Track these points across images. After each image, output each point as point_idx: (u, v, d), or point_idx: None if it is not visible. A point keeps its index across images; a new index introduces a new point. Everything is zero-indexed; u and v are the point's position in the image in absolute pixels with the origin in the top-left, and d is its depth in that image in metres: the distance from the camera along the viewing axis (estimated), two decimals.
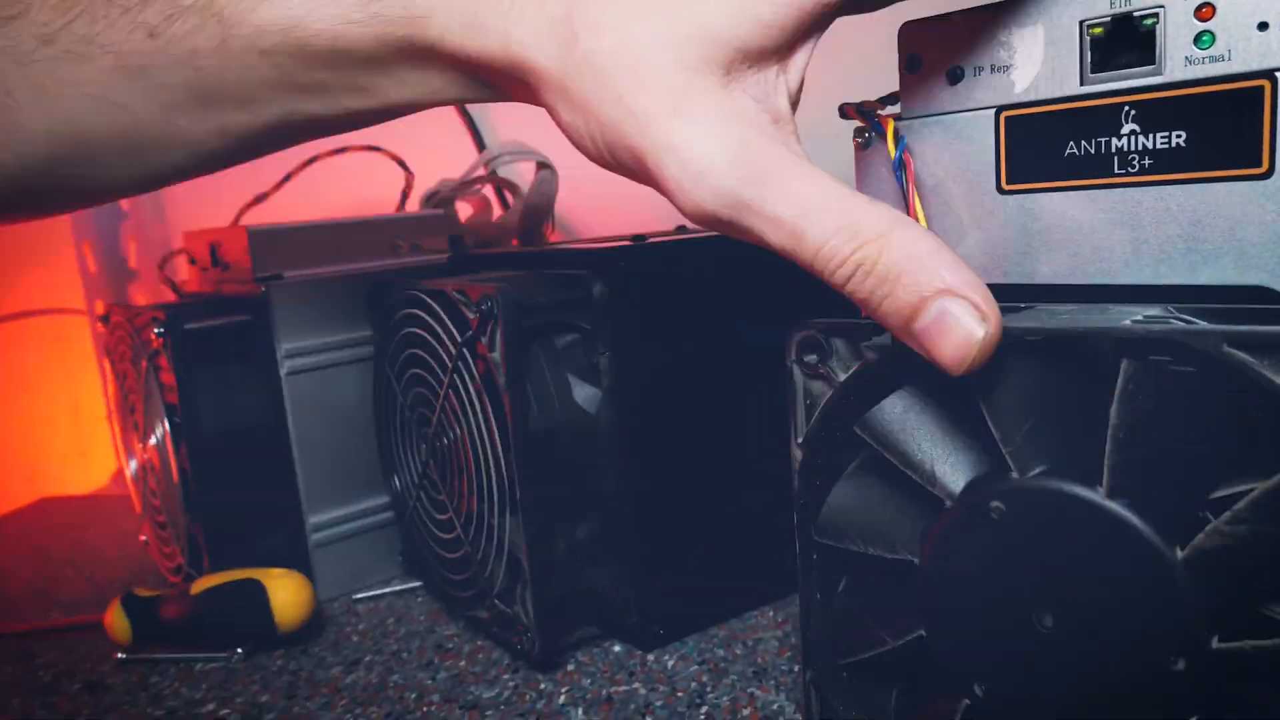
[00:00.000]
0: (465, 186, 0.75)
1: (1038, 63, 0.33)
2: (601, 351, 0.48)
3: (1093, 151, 0.32)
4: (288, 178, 0.73)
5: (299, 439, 0.61)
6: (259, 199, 0.73)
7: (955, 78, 0.35)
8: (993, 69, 0.34)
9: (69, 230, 1.15)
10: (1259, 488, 0.26)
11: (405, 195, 0.76)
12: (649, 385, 0.49)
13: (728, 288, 0.52)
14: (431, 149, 0.95)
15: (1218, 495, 0.27)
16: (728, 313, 0.52)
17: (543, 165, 0.73)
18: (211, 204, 1.13)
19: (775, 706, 0.45)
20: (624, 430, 0.49)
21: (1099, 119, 0.32)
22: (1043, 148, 0.33)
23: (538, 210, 0.73)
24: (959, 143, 0.35)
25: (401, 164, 0.76)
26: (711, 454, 0.52)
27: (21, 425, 1.32)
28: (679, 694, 0.46)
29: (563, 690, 0.48)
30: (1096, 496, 0.28)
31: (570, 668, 0.50)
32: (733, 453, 0.52)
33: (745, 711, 0.44)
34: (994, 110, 0.34)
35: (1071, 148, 0.33)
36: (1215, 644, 0.27)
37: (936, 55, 0.35)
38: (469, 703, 0.47)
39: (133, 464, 0.70)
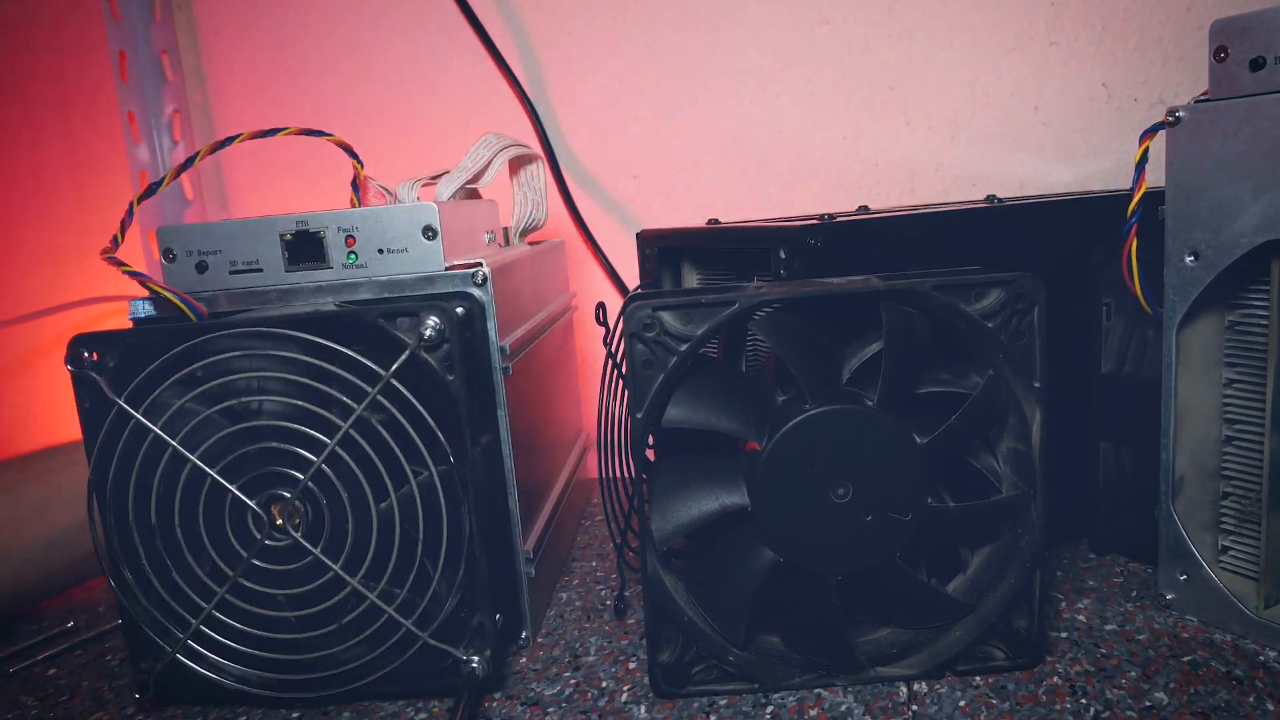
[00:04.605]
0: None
1: None
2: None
3: None
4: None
5: None
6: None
7: (1257, 66, 0.42)
8: None
9: (135, 217, 1.17)
10: (971, 395, 0.44)
11: (355, 186, 0.63)
12: None
13: None
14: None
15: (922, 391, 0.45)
16: None
17: (528, 159, 0.67)
18: (277, 192, 1.14)
19: (844, 708, 0.43)
20: None
21: None
22: None
23: (532, 204, 0.68)
24: (1259, 120, 0.42)
25: (349, 151, 0.62)
26: None
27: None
28: (743, 694, 0.45)
29: (625, 688, 0.47)
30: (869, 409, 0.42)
31: (631, 665, 0.49)
32: None
33: (813, 713, 0.43)
34: None
35: None
36: (929, 502, 0.44)
37: (1241, 47, 0.43)
38: (530, 699, 0.47)
39: None
